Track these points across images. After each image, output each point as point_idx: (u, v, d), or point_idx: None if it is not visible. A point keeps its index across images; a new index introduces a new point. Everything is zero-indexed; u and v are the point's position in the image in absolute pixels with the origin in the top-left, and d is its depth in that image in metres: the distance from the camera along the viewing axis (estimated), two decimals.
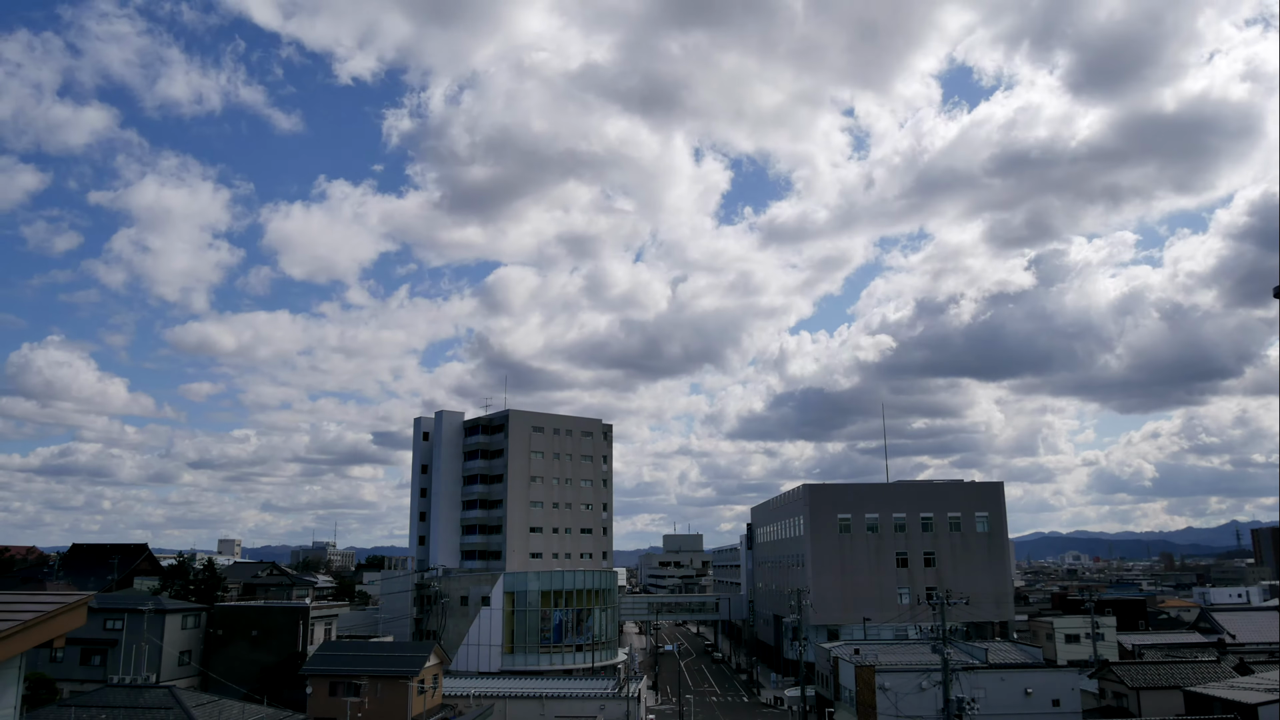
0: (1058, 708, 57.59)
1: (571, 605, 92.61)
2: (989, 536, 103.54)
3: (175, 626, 66.20)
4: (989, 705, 53.99)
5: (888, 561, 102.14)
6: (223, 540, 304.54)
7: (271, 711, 48.58)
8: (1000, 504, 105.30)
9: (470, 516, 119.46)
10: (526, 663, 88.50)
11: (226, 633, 69.06)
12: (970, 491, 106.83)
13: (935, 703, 48.85)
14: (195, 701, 45.08)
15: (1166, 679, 57.30)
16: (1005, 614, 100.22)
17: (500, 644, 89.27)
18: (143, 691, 45.32)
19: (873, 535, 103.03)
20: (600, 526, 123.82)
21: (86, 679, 60.61)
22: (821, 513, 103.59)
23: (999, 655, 71.30)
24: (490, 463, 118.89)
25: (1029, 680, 58.94)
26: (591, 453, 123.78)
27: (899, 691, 55.65)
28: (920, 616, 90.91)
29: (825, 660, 76.41)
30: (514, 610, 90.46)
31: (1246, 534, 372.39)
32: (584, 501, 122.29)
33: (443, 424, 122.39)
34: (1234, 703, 46.59)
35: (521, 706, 66.03)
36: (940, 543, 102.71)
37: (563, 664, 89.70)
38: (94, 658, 64.34)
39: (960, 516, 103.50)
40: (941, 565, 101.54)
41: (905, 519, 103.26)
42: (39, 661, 59.94)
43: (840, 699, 68.72)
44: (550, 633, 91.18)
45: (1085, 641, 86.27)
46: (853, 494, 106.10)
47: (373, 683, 59.45)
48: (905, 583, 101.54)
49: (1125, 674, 59.86)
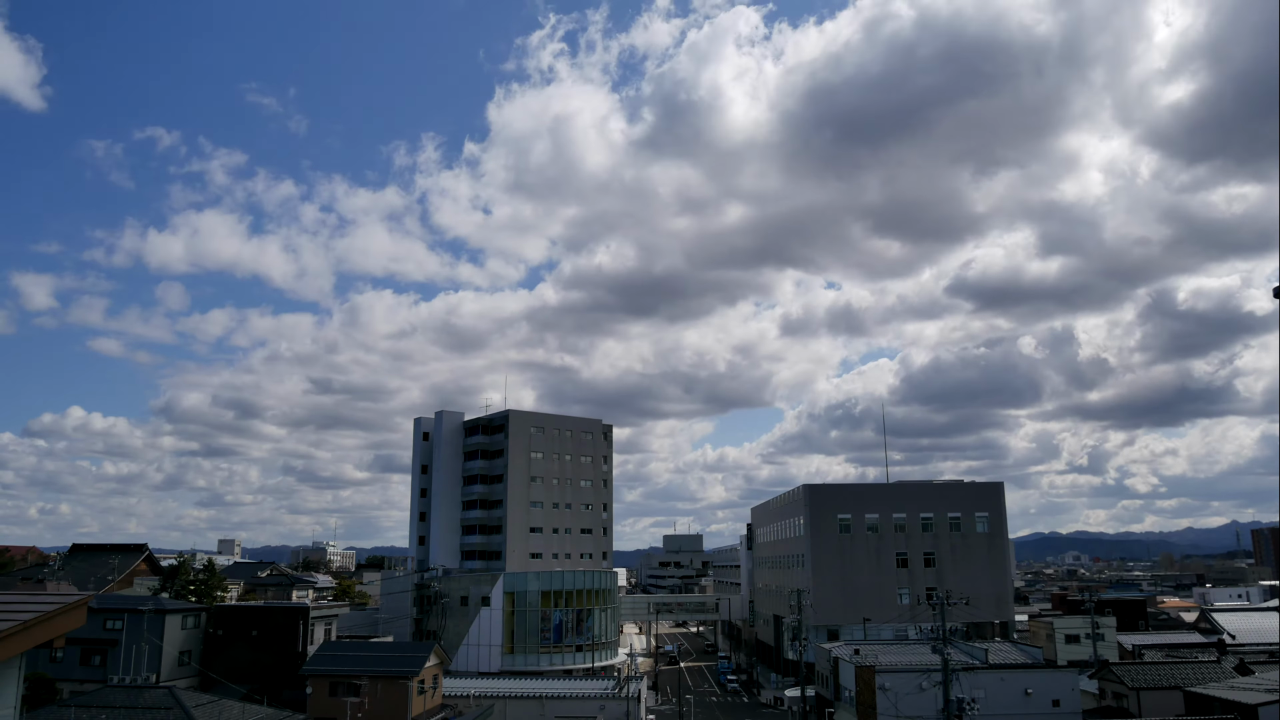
0: (1058, 708, 57.57)
1: (571, 605, 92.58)
2: (989, 537, 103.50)
3: (175, 626, 66.15)
4: (989, 705, 54.00)
5: (888, 562, 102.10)
6: (223, 540, 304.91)
7: (271, 711, 48.54)
8: (1000, 504, 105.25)
9: (470, 517, 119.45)
10: (526, 663, 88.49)
11: (226, 633, 69.02)
12: (970, 492, 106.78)
13: (935, 703, 48.85)
14: (195, 701, 45.04)
15: (1166, 679, 57.28)
16: (1005, 614, 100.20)
17: (500, 644, 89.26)
18: (143, 692, 45.30)
19: (873, 535, 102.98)
20: (600, 527, 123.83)
21: (86, 679, 60.58)
22: (821, 513, 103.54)
23: (999, 655, 71.25)
24: (490, 463, 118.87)
25: (1029, 680, 58.92)
26: (591, 453, 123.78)
27: (899, 692, 55.63)
28: (920, 617, 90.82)
29: (825, 660, 76.38)
30: (514, 610, 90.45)
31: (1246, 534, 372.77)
32: (584, 502, 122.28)
33: (443, 424, 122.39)
34: (1234, 703, 46.58)
35: (521, 707, 66.02)
36: (940, 543, 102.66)
37: (563, 664, 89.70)
38: (94, 658, 64.30)
39: (960, 517, 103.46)
40: (941, 565, 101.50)
41: (905, 519, 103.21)
42: (39, 661, 59.92)
43: (840, 699, 68.68)
44: (550, 633, 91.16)
45: (1085, 642, 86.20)
46: (853, 494, 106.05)
47: (373, 683, 59.42)
48: (905, 583, 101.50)
49: (1125, 674, 59.84)
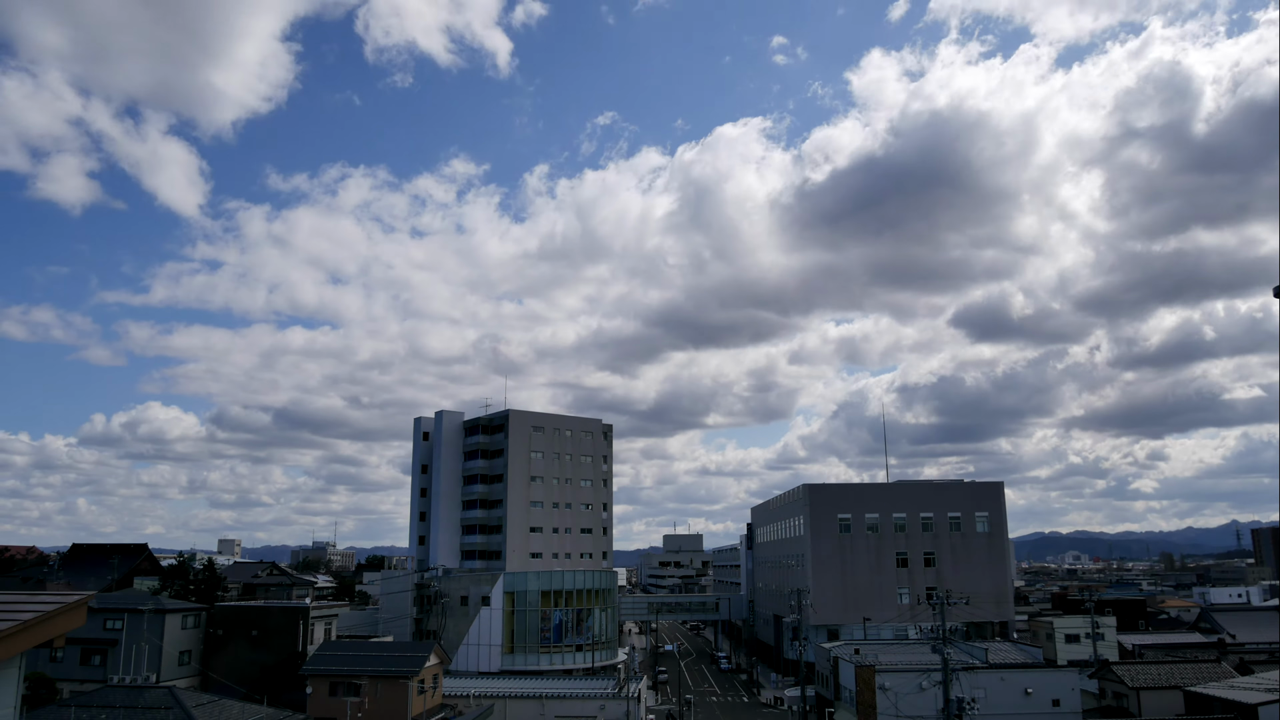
0: (1058, 708, 57.59)
1: (571, 605, 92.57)
2: (989, 536, 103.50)
3: (175, 626, 66.14)
4: (989, 705, 54.02)
5: (888, 561, 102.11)
6: (223, 540, 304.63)
7: (271, 711, 48.53)
8: (1000, 504, 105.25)
9: (470, 516, 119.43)
10: (526, 663, 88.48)
11: (226, 633, 69.01)
12: (970, 491, 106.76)
13: (935, 703, 48.85)
14: (195, 701, 45.03)
15: (1166, 679, 57.28)
16: (1005, 614, 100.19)
17: (500, 644, 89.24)
18: (143, 691, 45.26)
19: (873, 535, 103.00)
20: (600, 526, 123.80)
21: (86, 679, 60.60)
22: (821, 513, 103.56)
23: (999, 655, 71.30)
24: (490, 462, 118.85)
25: (1029, 680, 58.94)
26: (591, 453, 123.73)
27: (899, 691, 55.64)
28: (920, 616, 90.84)
29: (825, 660, 76.39)
30: (514, 610, 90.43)
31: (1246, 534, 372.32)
32: (584, 501, 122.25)
33: (443, 424, 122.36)
34: (1234, 703, 46.58)
35: (521, 706, 66.02)
36: (940, 543, 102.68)
37: (563, 664, 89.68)
38: (94, 658, 64.30)
39: (960, 516, 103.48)
40: (941, 565, 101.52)
41: (905, 519, 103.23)
42: (39, 661, 59.96)
43: (840, 699, 68.69)
44: (550, 633, 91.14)
45: (1085, 641, 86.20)
46: (853, 494, 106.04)
47: (373, 683, 59.44)
48: (905, 583, 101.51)
49: (1125, 674, 59.83)
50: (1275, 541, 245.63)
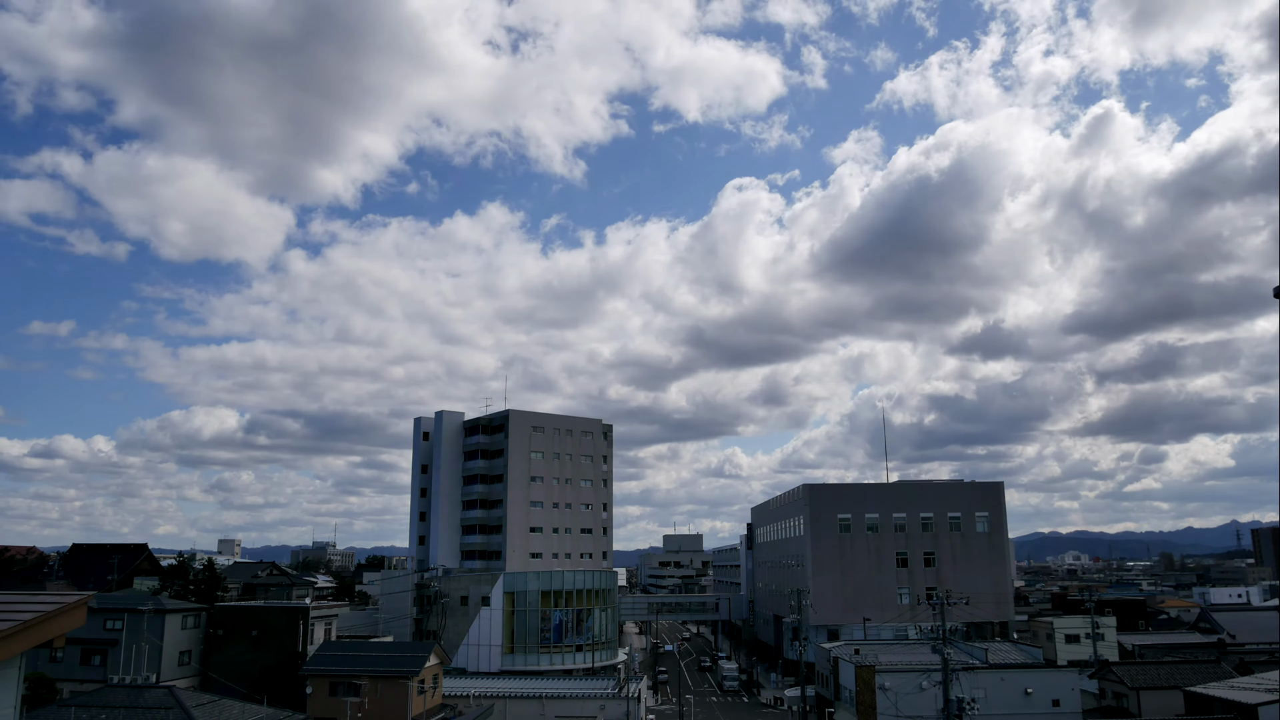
0: (1058, 708, 57.63)
1: (571, 605, 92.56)
2: (989, 536, 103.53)
3: (175, 626, 66.14)
4: (989, 705, 54.04)
5: (888, 561, 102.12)
6: (223, 540, 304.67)
7: (271, 711, 48.53)
8: (1000, 504, 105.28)
9: (470, 516, 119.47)
10: (526, 663, 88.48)
11: (226, 633, 68.99)
12: (970, 491, 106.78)
13: (935, 703, 48.87)
14: (195, 701, 45.04)
15: (1166, 679, 57.29)
16: (1005, 614, 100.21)
17: (500, 644, 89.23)
18: (143, 691, 45.27)
19: (873, 535, 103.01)
20: (600, 526, 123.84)
21: (86, 679, 60.55)
22: (821, 513, 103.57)
23: (999, 655, 71.33)
24: (490, 463, 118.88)
25: (1029, 680, 58.98)
26: (591, 453, 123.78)
27: (899, 691, 55.66)
28: (920, 616, 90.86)
29: (825, 660, 76.42)
30: (514, 610, 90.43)
31: (1246, 534, 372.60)
32: (584, 501, 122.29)
33: (443, 424, 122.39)
34: (1234, 703, 46.57)
35: (521, 706, 66.03)
36: (940, 543, 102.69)
37: (563, 664, 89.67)
38: (94, 658, 64.27)
39: (960, 516, 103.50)
40: (941, 565, 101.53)
41: (905, 519, 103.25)
42: (39, 661, 59.92)
43: (840, 699, 68.72)
44: (550, 633, 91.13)
45: (1085, 641, 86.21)
46: (853, 494, 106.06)
47: (373, 683, 59.46)
48: (905, 583, 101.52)
49: (1125, 674, 59.85)
50: (1275, 541, 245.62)
